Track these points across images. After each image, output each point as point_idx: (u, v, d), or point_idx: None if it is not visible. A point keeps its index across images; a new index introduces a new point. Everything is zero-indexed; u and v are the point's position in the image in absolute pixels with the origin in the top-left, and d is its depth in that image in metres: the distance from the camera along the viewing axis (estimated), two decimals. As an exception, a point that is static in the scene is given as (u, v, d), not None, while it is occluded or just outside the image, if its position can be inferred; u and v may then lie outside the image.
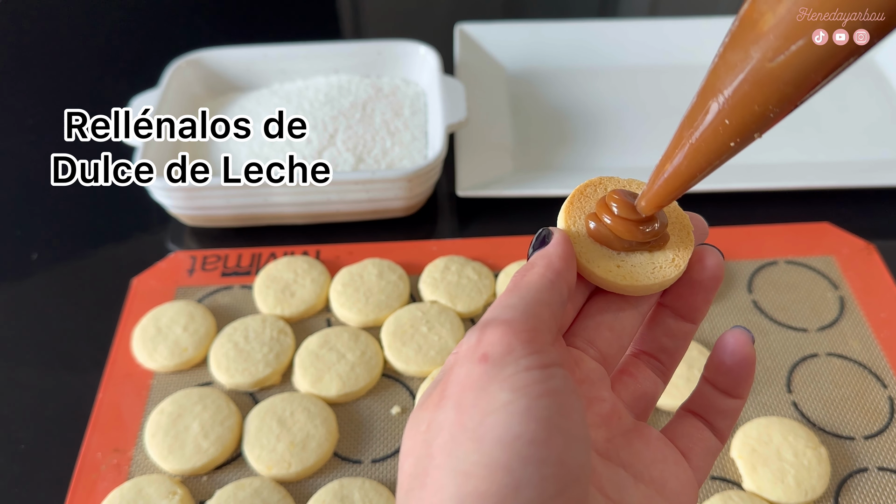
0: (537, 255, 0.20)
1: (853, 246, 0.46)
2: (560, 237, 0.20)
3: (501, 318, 0.17)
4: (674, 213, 0.22)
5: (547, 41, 0.61)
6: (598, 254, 0.21)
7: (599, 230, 0.21)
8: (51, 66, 0.65)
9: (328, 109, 0.51)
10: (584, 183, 0.22)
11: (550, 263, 0.19)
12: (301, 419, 0.37)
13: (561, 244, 0.20)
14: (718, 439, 0.22)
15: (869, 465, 0.36)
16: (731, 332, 0.21)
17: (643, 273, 0.21)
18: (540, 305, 0.18)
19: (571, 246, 0.20)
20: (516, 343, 0.17)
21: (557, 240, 0.20)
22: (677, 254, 0.21)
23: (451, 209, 0.51)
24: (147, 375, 0.40)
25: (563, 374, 0.17)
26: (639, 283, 0.21)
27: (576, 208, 0.22)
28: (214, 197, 0.45)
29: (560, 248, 0.20)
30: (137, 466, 0.36)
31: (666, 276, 0.21)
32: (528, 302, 0.18)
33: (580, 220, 0.21)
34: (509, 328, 0.17)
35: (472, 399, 0.16)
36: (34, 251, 0.48)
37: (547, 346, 0.17)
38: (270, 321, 0.41)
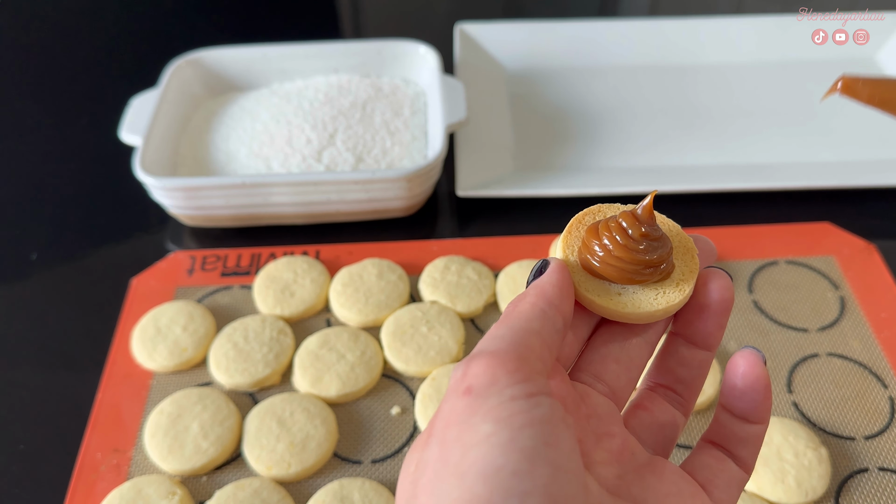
0: (532, 285, 0.19)
1: (854, 246, 0.46)
2: (555, 266, 0.20)
3: (487, 350, 0.17)
4: (677, 237, 0.21)
5: (547, 41, 0.61)
6: (597, 282, 0.20)
7: (594, 265, 0.20)
8: (50, 66, 0.65)
9: (328, 109, 0.51)
10: (582, 211, 0.22)
11: (542, 292, 0.19)
12: (301, 419, 0.37)
13: (555, 273, 0.19)
14: (742, 469, 0.20)
15: (869, 465, 0.36)
16: (741, 354, 0.20)
17: (646, 300, 0.20)
18: (529, 334, 0.18)
19: (567, 274, 0.20)
20: (501, 373, 0.16)
21: (552, 269, 0.20)
22: (682, 278, 0.20)
23: (451, 209, 0.51)
24: (146, 375, 0.40)
25: (549, 402, 0.16)
26: (641, 311, 0.20)
27: (574, 237, 0.21)
28: (214, 197, 0.45)
29: (554, 276, 0.19)
30: (137, 467, 0.36)
31: (670, 302, 0.20)
32: (516, 331, 0.18)
33: (577, 249, 0.21)
34: (494, 359, 0.17)
35: (456, 434, 0.16)
36: (34, 251, 0.48)
37: (535, 375, 0.17)
38: (270, 321, 0.41)
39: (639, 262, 0.19)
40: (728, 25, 0.61)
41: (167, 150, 0.49)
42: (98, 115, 0.58)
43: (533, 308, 0.18)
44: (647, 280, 0.20)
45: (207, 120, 0.53)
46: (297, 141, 0.49)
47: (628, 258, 0.19)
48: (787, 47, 0.61)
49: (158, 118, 0.48)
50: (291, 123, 0.50)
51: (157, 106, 0.48)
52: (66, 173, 0.54)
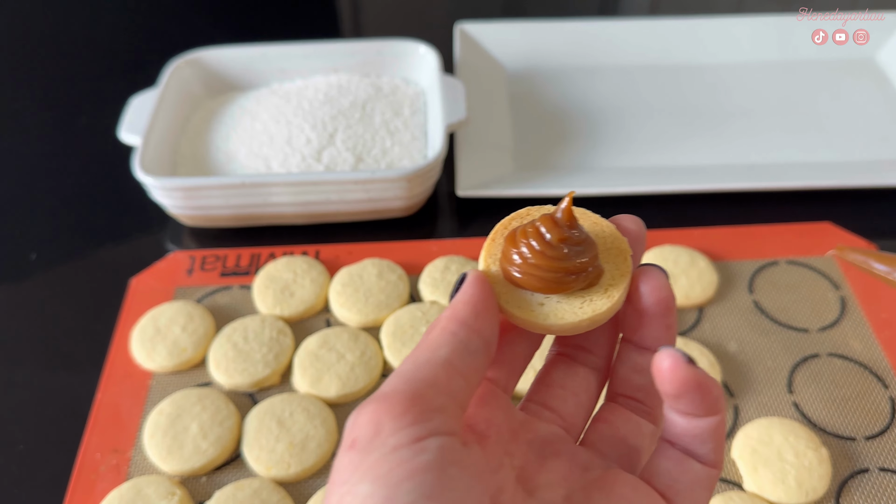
0: (448, 305, 0.18)
1: (854, 246, 0.46)
2: (471, 280, 0.18)
3: (380, 393, 0.16)
4: (609, 238, 0.19)
5: (547, 40, 0.61)
6: (520, 293, 0.18)
7: (514, 275, 0.18)
8: (49, 66, 0.65)
9: (328, 109, 0.51)
10: (509, 216, 0.20)
11: (454, 314, 0.18)
12: (300, 420, 0.37)
13: (470, 288, 0.18)
14: (708, 465, 0.19)
15: (870, 465, 0.36)
16: (660, 357, 0.17)
17: (570, 310, 0.18)
18: (432, 366, 0.16)
19: (485, 287, 0.18)
20: (386, 420, 0.15)
21: (467, 284, 0.18)
22: (611, 283, 0.18)
23: (451, 209, 0.51)
24: (146, 376, 0.40)
25: (438, 445, 0.15)
26: (565, 322, 0.18)
27: (497, 244, 0.19)
28: (213, 197, 0.45)
29: (468, 292, 0.18)
30: (136, 467, 0.36)
31: (597, 311, 0.18)
32: (419, 366, 0.17)
33: (497, 267, 0.19)
34: (382, 404, 0.16)
35: (339, 496, 0.15)
36: (33, 251, 0.48)
37: (428, 413, 0.15)
38: (269, 321, 0.41)
39: (559, 269, 0.18)
40: (728, 25, 0.61)
41: (166, 150, 0.49)
42: (97, 114, 0.58)
43: (442, 333, 0.17)
44: (572, 288, 0.18)
45: (207, 120, 0.53)
46: (297, 141, 0.49)
47: (547, 265, 0.18)
48: (787, 47, 0.61)
49: (158, 118, 0.48)
50: (291, 123, 0.50)
51: (157, 105, 0.48)
52: (66, 173, 0.54)
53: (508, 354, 0.20)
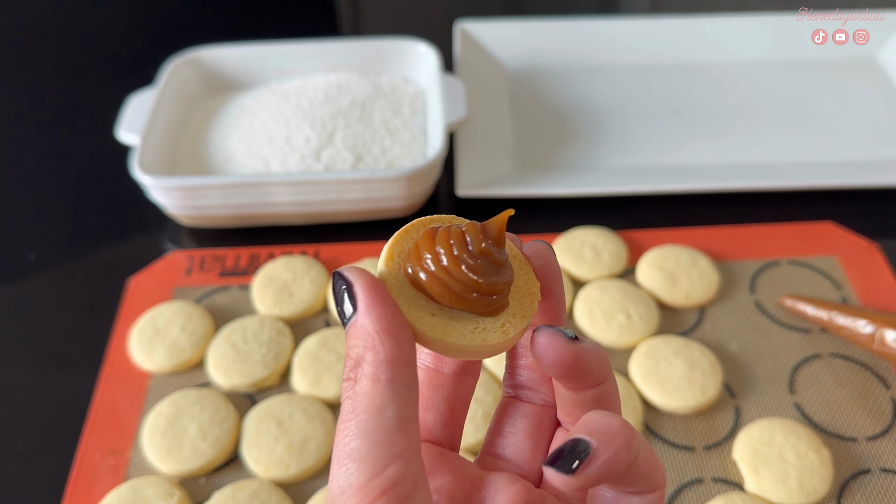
0: (355, 338, 0.15)
1: (856, 246, 0.46)
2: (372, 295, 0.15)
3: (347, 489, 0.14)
4: (524, 274, 0.18)
5: (548, 39, 0.61)
6: (415, 299, 0.16)
7: (419, 276, 0.16)
8: (47, 65, 0.65)
9: (327, 108, 0.51)
10: (430, 216, 0.18)
11: (377, 355, 0.15)
12: (300, 421, 0.37)
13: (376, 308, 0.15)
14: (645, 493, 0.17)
15: (872, 466, 0.36)
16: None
17: (460, 330, 0.16)
18: (387, 435, 0.14)
19: (389, 302, 0.16)
20: None
21: (370, 300, 0.15)
22: (510, 319, 0.17)
23: (452, 209, 0.50)
24: (144, 376, 0.40)
25: None
26: (450, 341, 0.16)
27: (407, 241, 0.17)
28: (212, 196, 0.44)
29: (377, 315, 0.15)
30: (135, 468, 0.36)
31: (486, 341, 0.16)
32: (371, 440, 0.14)
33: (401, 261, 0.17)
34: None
35: None
36: (31, 251, 0.48)
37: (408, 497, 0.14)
38: (269, 322, 0.41)
39: (467, 281, 0.16)
40: (730, 24, 0.61)
41: (165, 150, 0.48)
42: (95, 114, 0.58)
43: (376, 385, 0.15)
44: (471, 307, 0.17)
45: (206, 119, 0.52)
46: (296, 140, 0.49)
47: (456, 272, 0.16)
48: (789, 46, 0.61)
49: (156, 117, 0.48)
50: (290, 122, 0.50)
51: (155, 105, 0.48)
52: (64, 173, 0.54)
53: (441, 403, 0.19)
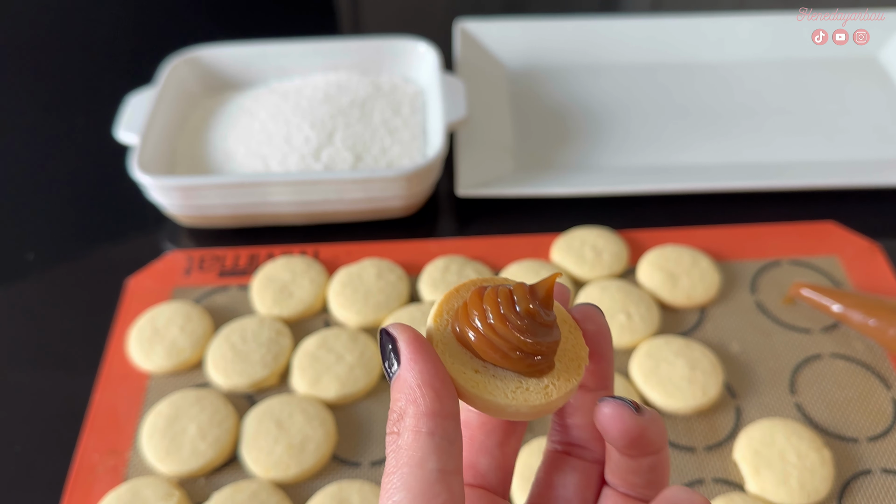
0: (398, 391, 0.16)
1: (857, 246, 0.46)
2: (414, 350, 0.16)
3: None
4: (572, 337, 0.18)
5: (548, 38, 0.61)
6: (460, 356, 0.17)
7: (466, 334, 0.17)
8: (46, 64, 0.65)
9: (327, 108, 0.51)
10: (465, 281, 0.19)
11: (419, 409, 0.15)
12: (299, 421, 0.36)
13: (418, 363, 0.16)
14: None
15: (873, 467, 0.35)
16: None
17: (502, 389, 0.16)
18: (428, 486, 0.15)
19: (432, 357, 0.16)
20: None
21: (412, 356, 0.16)
22: (554, 381, 0.17)
23: (451, 209, 0.50)
24: (143, 377, 0.39)
25: None
26: (490, 399, 0.16)
27: (456, 300, 0.18)
28: (211, 196, 0.44)
29: (418, 370, 0.16)
30: (134, 469, 0.36)
31: (527, 402, 0.16)
32: (417, 492, 0.15)
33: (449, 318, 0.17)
34: None
35: None
36: (30, 251, 0.48)
37: None
38: (268, 322, 0.41)
39: (511, 339, 0.16)
40: (730, 23, 0.61)
41: (164, 149, 0.48)
42: (94, 113, 0.58)
43: (418, 437, 0.15)
44: (515, 367, 0.17)
45: (205, 118, 0.52)
46: (296, 139, 0.49)
47: (501, 330, 0.16)
48: (790, 45, 0.61)
49: (155, 117, 0.48)
50: (290, 122, 0.50)
51: (154, 104, 0.48)
52: (62, 172, 0.54)
53: (494, 448, 0.19)
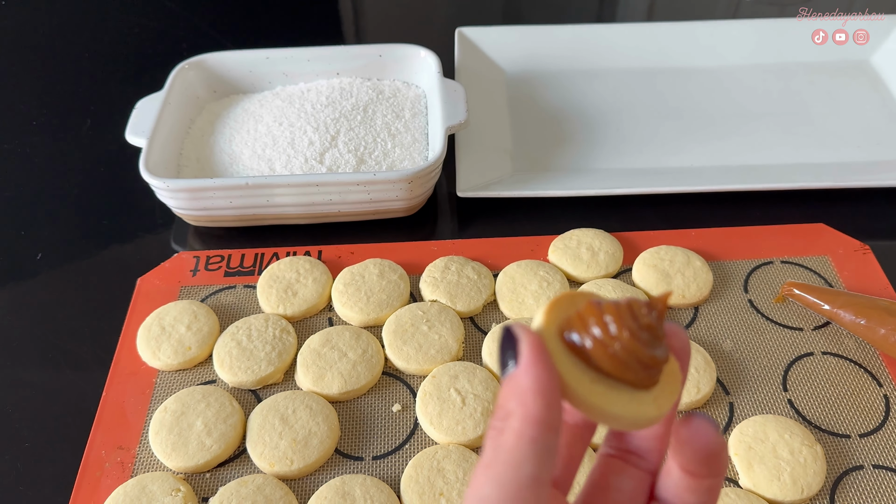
0: (509, 391, 0.16)
1: (848, 246, 0.46)
2: (535, 355, 0.16)
3: None
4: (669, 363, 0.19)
5: (545, 45, 0.62)
6: (573, 365, 0.17)
7: (586, 346, 0.17)
8: (55, 69, 0.66)
9: (330, 111, 0.52)
10: (563, 294, 0.19)
11: (527, 413, 0.15)
12: (303, 417, 0.37)
13: (536, 368, 0.16)
14: None
15: (864, 462, 0.36)
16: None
17: (618, 400, 0.17)
18: (520, 490, 0.15)
19: (550, 366, 0.16)
20: None
21: (531, 360, 0.16)
22: (660, 395, 0.18)
23: (452, 210, 0.51)
24: (151, 374, 0.40)
25: None
26: (608, 409, 0.17)
27: (563, 309, 0.18)
28: (218, 198, 0.45)
29: (535, 375, 0.15)
30: (141, 464, 0.36)
31: (642, 413, 0.17)
32: (505, 491, 0.15)
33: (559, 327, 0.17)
34: None
35: None
36: (39, 251, 0.49)
37: None
38: (273, 320, 0.42)
39: (634, 350, 0.17)
40: (724, 29, 0.62)
41: (171, 152, 0.49)
42: (103, 117, 0.59)
43: (520, 441, 0.15)
44: (631, 378, 0.17)
45: (211, 122, 0.53)
46: (300, 143, 0.50)
47: (625, 341, 0.17)
48: (782, 50, 0.62)
49: (163, 120, 0.48)
50: (294, 125, 0.51)
51: (162, 108, 0.49)
52: (72, 175, 0.55)
53: (563, 448, 0.19)
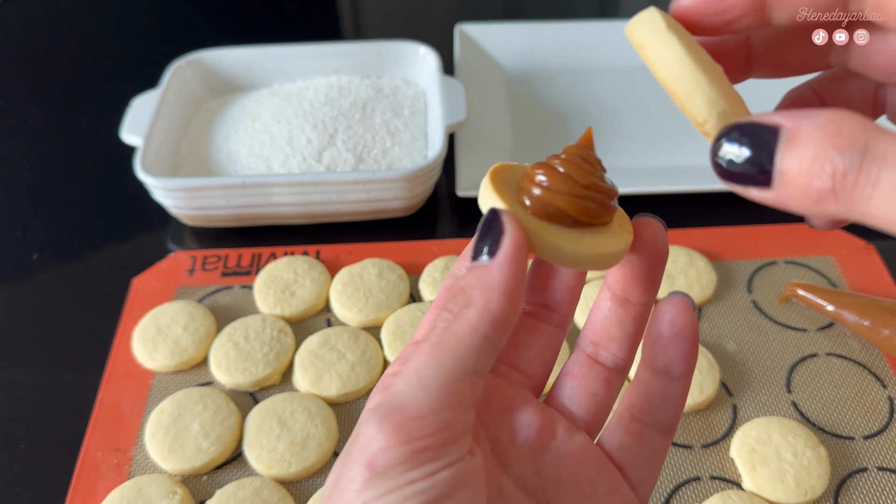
0: (476, 280, 0.15)
1: (852, 246, 0.46)
2: (512, 250, 0.15)
3: (399, 406, 0.15)
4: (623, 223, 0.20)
5: (546, 42, 0.61)
6: (539, 223, 0.17)
7: (555, 201, 0.17)
8: (51, 67, 0.65)
9: (328, 109, 0.51)
10: (495, 166, 0.19)
11: (489, 311, 0.15)
12: (301, 419, 0.37)
13: (511, 265, 0.15)
14: (663, 434, 0.19)
15: (868, 464, 0.36)
16: (669, 301, 0.19)
17: (588, 242, 0.17)
18: (458, 378, 0.15)
19: (523, 263, 0.16)
20: (406, 449, 0.15)
21: (508, 252, 0.15)
22: (619, 234, 0.18)
23: (451, 209, 0.51)
24: (147, 375, 0.40)
25: (452, 474, 0.15)
26: (582, 251, 0.17)
27: (508, 183, 0.18)
28: (215, 197, 0.45)
29: (508, 273, 0.15)
30: (138, 466, 0.36)
31: (608, 248, 0.18)
32: (444, 377, 0.15)
33: (515, 197, 0.18)
34: (404, 427, 0.15)
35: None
36: (34, 251, 0.48)
37: (452, 443, 0.15)
38: (270, 321, 0.42)
39: (602, 189, 0.18)
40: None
41: (168, 151, 0.49)
42: (99, 115, 0.58)
43: (473, 335, 0.15)
44: (596, 215, 0.18)
45: (208, 120, 0.53)
46: (298, 141, 0.49)
47: (592, 184, 0.18)
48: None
49: (159, 119, 0.48)
50: (292, 124, 0.50)
51: (158, 106, 0.48)
52: (67, 173, 0.54)
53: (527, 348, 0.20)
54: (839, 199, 0.13)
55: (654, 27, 0.17)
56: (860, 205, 0.13)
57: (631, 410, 0.19)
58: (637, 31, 0.18)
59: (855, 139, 0.12)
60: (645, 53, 0.17)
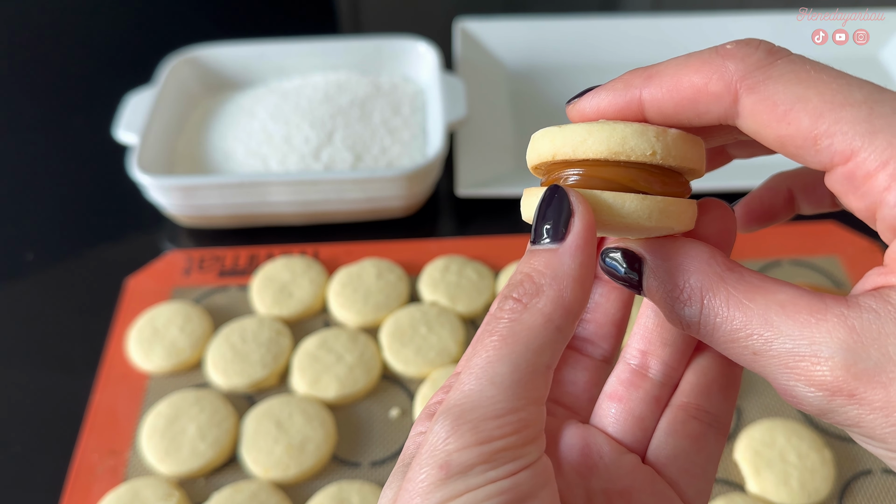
0: (546, 267, 0.15)
1: (858, 245, 0.45)
2: (584, 242, 0.15)
3: (479, 409, 0.14)
4: None
5: (548, 38, 0.61)
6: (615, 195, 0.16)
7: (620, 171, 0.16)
8: (46, 64, 0.65)
9: (326, 107, 0.51)
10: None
11: (563, 302, 0.14)
12: (299, 422, 0.36)
13: (584, 257, 0.15)
14: (721, 435, 0.18)
15: (873, 467, 0.35)
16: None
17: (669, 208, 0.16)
18: (533, 374, 0.14)
19: (594, 252, 0.15)
20: (487, 453, 0.14)
21: (580, 240, 0.15)
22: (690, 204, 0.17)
23: (451, 208, 0.50)
24: (143, 377, 0.39)
25: (528, 476, 0.14)
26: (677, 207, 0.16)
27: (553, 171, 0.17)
28: (211, 196, 0.44)
29: (583, 268, 0.14)
30: (133, 469, 0.36)
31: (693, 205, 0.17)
32: (519, 372, 0.14)
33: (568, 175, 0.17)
34: (480, 427, 0.14)
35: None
36: (29, 251, 0.48)
37: (528, 444, 0.14)
38: (268, 322, 0.41)
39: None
40: (730, 23, 0.61)
41: (164, 149, 0.48)
42: (93, 113, 0.58)
43: (547, 327, 0.14)
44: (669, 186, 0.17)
45: (204, 118, 0.52)
46: (296, 139, 0.49)
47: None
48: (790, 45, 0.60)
49: (155, 116, 0.47)
50: (289, 122, 0.50)
51: (154, 104, 0.48)
52: (62, 172, 0.54)
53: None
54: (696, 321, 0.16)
55: None
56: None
57: (686, 410, 0.18)
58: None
59: (693, 297, 0.16)
60: None
